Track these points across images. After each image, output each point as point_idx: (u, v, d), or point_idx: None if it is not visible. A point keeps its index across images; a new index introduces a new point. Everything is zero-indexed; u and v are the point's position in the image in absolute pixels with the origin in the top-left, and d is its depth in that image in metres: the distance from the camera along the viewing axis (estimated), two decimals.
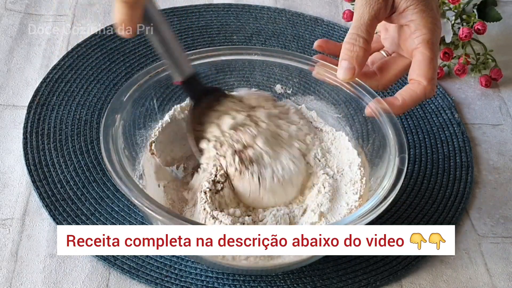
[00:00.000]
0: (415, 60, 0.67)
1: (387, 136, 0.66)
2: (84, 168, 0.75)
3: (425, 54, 0.66)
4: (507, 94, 0.92)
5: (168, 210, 0.58)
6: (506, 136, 0.86)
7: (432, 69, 0.66)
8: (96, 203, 0.71)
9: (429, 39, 0.66)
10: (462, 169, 0.80)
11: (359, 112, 0.71)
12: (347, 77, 0.67)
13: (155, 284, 0.65)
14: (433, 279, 0.69)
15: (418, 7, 0.66)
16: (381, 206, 0.60)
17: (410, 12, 0.67)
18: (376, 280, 0.68)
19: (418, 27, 0.66)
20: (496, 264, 0.71)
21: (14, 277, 0.65)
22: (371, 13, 0.66)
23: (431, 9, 0.67)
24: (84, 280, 0.65)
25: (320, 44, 0.74)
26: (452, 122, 0.85)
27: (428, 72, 0.66)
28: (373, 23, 0.66)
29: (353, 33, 0.66)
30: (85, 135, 0.78)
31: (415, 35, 0.67)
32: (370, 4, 0.66)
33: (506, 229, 0.75)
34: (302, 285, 0.67)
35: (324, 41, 0.74)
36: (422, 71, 0.66)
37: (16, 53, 0.89)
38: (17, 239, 0.68)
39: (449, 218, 0.74)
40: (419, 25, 0.66)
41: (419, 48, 0.66)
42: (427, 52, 0.66)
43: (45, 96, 0.82)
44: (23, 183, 0.73)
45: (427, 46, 0.66)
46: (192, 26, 0.95)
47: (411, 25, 0.67)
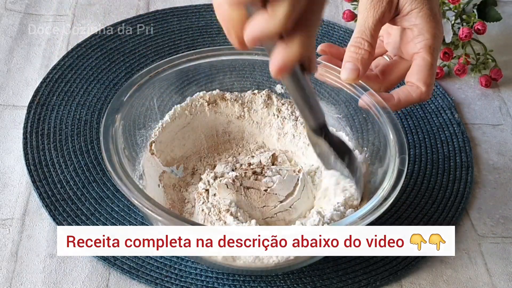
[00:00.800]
0: (415, 64, 0.67)
1: (387, 136, 0.66)
2: (84, 168, 0.75)
3: (426, 59, 0.66)
4: (507, 94, 0.92)
5: (168, 211, 0.58)
6: (506, 136, 0.86)
7: (431, 75, 0.67)
8: (96, 203, 0.71)
9: (431, 44, 0.67)
10: (462, 169, 0.80)
11: (359, 112, 0.71)
12: (351, 77, 0.66)
13: (155, 284, 0.65)
14: (433, 279, 0.69)
15: (423, 11, 0.66)
16: (382, 207, 0.60)
17: (414, 16, 0.67)
18: (376, 280, 0.68)
19: (421, 31, 0.67)
20: (496, 264, 0.71)
21: (14, 277, 0.65)
22: (375, 17, 0.66)
23: (435, 14, 0.67)
24: (84, 280, 0.65)
25: (323, 49, 0.74)
26: (452, 122, 0.85)
27: (427, 78, 0.67)
28: (378, 27, 0.67)
29: (357, 37, 0.66)
30: (85, 135, 0.78)
31: (418, 40, 0.67)
32: (375, 7, 0.66)
33: (506, 229, 0.75)
34: (302, 285, 0.67)
35: (327, 45, 0.74)
36: (421, 76, 0.67)
37: (16, 53, 0.89)
38: (17, 239, 0.68)
39: (449, 218, 0.74)
40: (423, 29, 0.67)
41: (421, 53, 0.67)
42: (428, 58, 0.66)
43: (45, 96, 0.82)
44: (23, 183, 0.73)
45: (429, 51, 0.66)
46: (192, 26, 0.95)
47: (414, 29, 0.67)
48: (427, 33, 0.67)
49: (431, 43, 0.67)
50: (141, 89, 0.68)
